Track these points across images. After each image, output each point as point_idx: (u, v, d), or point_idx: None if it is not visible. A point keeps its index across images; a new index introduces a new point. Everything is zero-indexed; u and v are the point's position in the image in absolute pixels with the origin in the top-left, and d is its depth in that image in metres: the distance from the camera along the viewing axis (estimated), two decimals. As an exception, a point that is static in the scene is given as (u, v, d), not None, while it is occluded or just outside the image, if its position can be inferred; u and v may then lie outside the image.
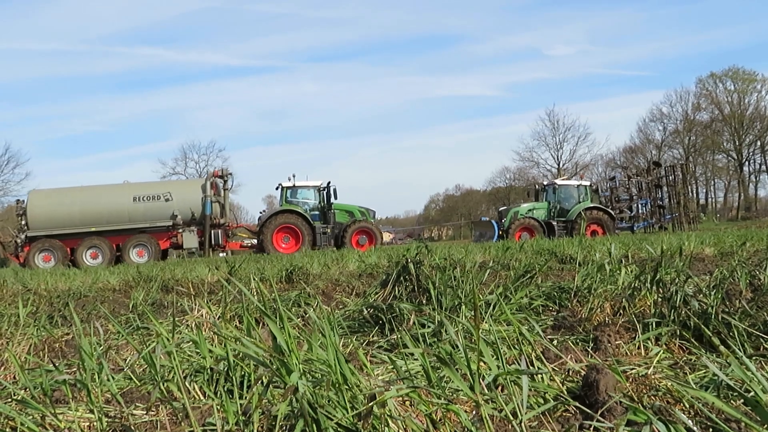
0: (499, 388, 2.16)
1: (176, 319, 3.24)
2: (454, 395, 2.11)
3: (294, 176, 28.90)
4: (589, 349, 2.84)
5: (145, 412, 2.27)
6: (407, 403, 2.08)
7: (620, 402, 1.93)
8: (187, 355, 2.93)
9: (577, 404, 1.98)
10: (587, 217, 29.85)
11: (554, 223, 30.46)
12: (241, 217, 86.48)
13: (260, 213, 28.73)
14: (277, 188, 28.89)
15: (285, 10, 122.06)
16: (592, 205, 30.81)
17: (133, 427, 2.18)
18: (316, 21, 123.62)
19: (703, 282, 3.54)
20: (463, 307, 3.56)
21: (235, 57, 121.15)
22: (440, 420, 1.85)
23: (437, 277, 3.90)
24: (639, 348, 2.85)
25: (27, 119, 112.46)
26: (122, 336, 3.33)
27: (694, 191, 71.18)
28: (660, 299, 3.29)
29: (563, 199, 31.37)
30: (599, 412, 1.88)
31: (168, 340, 2.45)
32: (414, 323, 3.46)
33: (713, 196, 78.26)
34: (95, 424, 2.13)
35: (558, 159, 70.48)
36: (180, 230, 26.20)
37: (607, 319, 3.37)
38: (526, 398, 1.80)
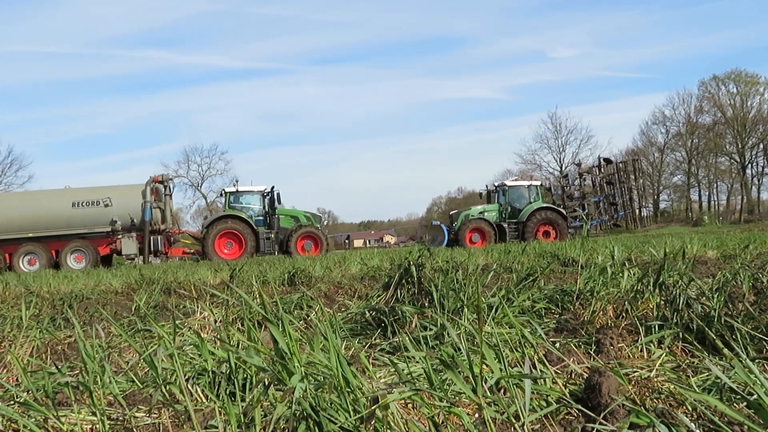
0: (502, 390, 2.15)
1: (178, 321, 3.24)
2: (457, 398, 2.10)
3: (237, 181, 28.71)
4: (591, 352, 2.84)
5: (147, 415, 2.27)
6: (410, 405, 2.08)
7: (623, 405, 1.92)
8: (189, 358, 2.93)
9: (580, 407, 1.98)
10: (538, 217, 29.41)
11: (505, 225, 29.97)
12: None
13: (204, 219, 28.26)
14: (220, 195, 28.54)
15: (288, 12, 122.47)
16: (543, 206, 30.30)
17: (135, 430, 2.18)
18: (319, 24, 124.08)
19: (705, 285, 3.53)
20: (466, 309, 3.56)
21: (238, 60, 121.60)
22: (443, 423, 1.85)
23: (439, 280, 3.90)
24: (641, 351, 2.85)
25: (30, 122, 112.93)
26: (124, 338, 3.34)
27: (648, 188, 71.06)
28: (663, 302, 3.29)
29: (514, 200, 30.80)
30: (602, 415, 1.88)
31: (170, 342, 2.45)
32: (416, 326, 3.45)
33: (716, 199, 78.21)
34: (97, 426, 2.13)
35: (560, 161, 70.44)
36: (119, 236, 25.78)
37: (609, 321, 3.36)
38: (528, 401, 1.80)
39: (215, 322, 3.88)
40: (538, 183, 31.39)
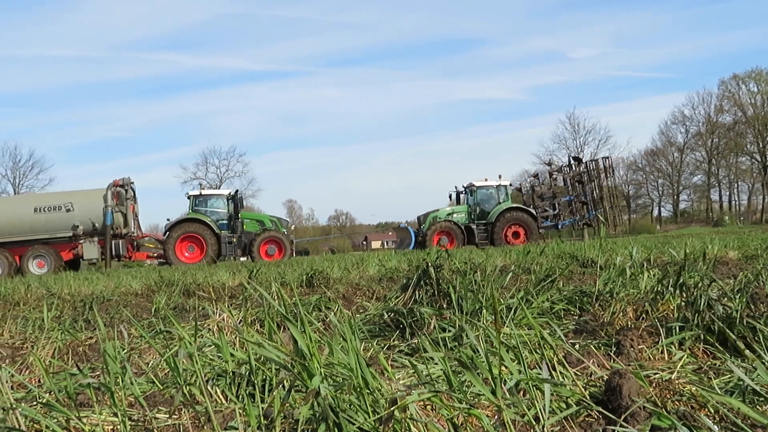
0: (521, 392, 2.15)
1: (198, 323, 3.26)
2: (476, 400, 2.10)
3: (201, 185, 28.57)
4: (611, 354, 2.82)
5: (167, 416, 2.29)
6: (428, 407, 2.08)
7: (644, 407, 1.91)
8: (209, 359, 2.95)
9: (600, 409, 1.97)
10: (507, 218, 28.87)
11: (474, 226, 29.40)
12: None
13: (166, 221, 28.08)
14: (188, 197, 28.44)
15: (305, 15, 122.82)
16: (512, 206, 29.67)
17: (156, 431, 2.19)
18: (337, 26, 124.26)
19: (727, 286, 3.50)
20: (484, 311, 3.55)
21: (255, 62, 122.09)
22: (462, 424, 1.85)
23: (458, 282, 3.90)
24: (662, 352, 2.83)
25: (51, 125, 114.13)
26: (145, 340, 3.36)
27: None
28: (683, 303, 3.26)
29: (483, 201, 30.15)
30: (622, 417, 1.87)
31: (190, 343, 2.46)
32: (435, 327, 3.45)
33: (737, 199, 77.47)
34: (119, 427, 2.15)
35: (579, 162, 70.03)
36: (81, 241, 25.62)
37: (629, 323, 3.34)
38: (548, 403, 1.79)
39: (235, 323, 3.90)
40: (507, 183, 30.53)
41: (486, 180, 30.34)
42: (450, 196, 31.94)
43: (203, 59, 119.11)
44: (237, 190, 28.60)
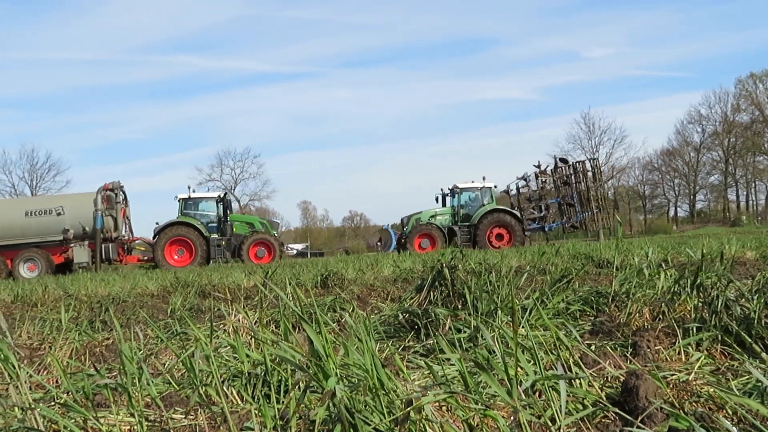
0: (537, 393, 2.14)
1: (213, 324, 3.27)
2: (492, 401, 2.09)
3: (190, 188, 28.57)
4: (628, 355, 2.81)
5: (184, 416, 2.30)
6: (444, 408, 2.07)
7: (661, 408, 1.90)
8: (225, 360, 2.96)
9: (617, 410, 1.96)
10: (490, 220, 28.39)
11: (456, 228, 28.90)
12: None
13: (155, 225, 28.08)
14: (175, 199, 28.45)
15: (318, 16, 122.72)
16: (496, 208, 29.14)
17: (172, 431, 2.20)
18: (350, 26, 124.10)
19: (745, 286, 3.47)
20: (499, 312, 3.54)
21: (269, 64, 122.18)
22: (478, 425, 1.84)
23: (473, 282, 3.89)
24: (679, 354, 2.81)
25: (67, 128, 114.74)
26: (161, 341, 3.38)
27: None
28: (701, 304, 3.24)
29: (467, 203, 29.75)
30: (639, 419, 1.86)
31: (206, 344, 2.47)
32: (450, 328, 3.45)
33: (754, 198, 76.77)
34: (136, 427, 2.16)
35: (594, 162, 69.61)
36: (71, 244, 25.62)
37: (646, 324, 3.32)
38: (564, 404, 1.78)
39: (250, 324, 3.91)
40: (492, 185, 29.87)
41: (473, 182, 30.00)
42: (437, 199, 31.53)
43: (218, 61, 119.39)
44: (226, 193, 28.73)
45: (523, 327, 3.17)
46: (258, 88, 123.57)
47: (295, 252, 28.78)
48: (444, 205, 30.85)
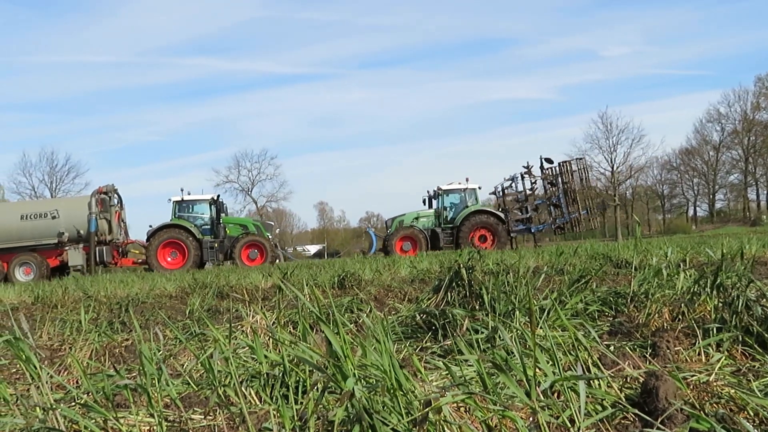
0: (556, 394, 2.13)
1: (231, 324, 3.29)
2: (510, 402, 2.09)
3: (182, 190, 28.65)
4: (647, 356, 2.79)
5: (203, 417, 2.32)
6: (462, 409, 2.07)
7: (681, 409, 1.88)
8: (243, 361, 2.98)
9: (636, 411, 1.95)
10: (473, 222, 28.00)
11: (439, 230, 28.62)
12: (293, 225, 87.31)
13: (149, 228, 28.21)
14: (169, 201, 28.52)
15: (334, 17, 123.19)
16: (479, 209, 28.77)
17: (191, 431, 2.22)
18: (365, 28, 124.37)
19: (765, 286, 3.44)
20: (517, 312, 3.53)
21: (285, 65, 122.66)
22: (496, 426, 1.84)
23: (490, 283, 3.88)
24: (699, 354, 2.78)
25: (86, 130, 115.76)
26: (180, 342, 3.40)
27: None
28: (721, 304, 3.21)
29: (450, 205, 29.43)
30: (659, 420, 1.84)
31: (225, 345, 2.48)
32: (467, 329, 3.44)
33: (775, 198, 75.92)
34: (155, 428, 2.18)
35: (612, 162, 69.10)
36: (66, 248, 25.80)
37: (665, 324, 3.30)
38: (584, 405, 1.77)
39: (268, 325, 3.92)
40: (476, 186, 29.43)
41: (460, 183, 29.71)
42: (424, 201, 31.14)
43: (235, 63, 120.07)
44: (219, 195, 28.79)
45: (541, 328, 3.16)
46: (275, 90, 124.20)
47: (311, 253, 28.86)
48: (430, 206, 30.57)
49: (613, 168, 67.26)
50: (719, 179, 75.35)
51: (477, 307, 3.86)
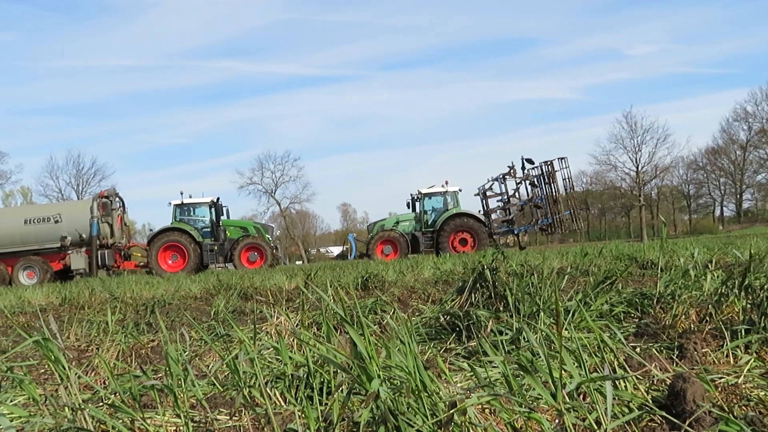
0: (582, 396, 2.12)
1: (256, 326, 3.31)
2: (536, 403, 2.08)
3: (182, 193, 28.74)
4: (674, 357, 2.76)
5: (228, 418, 2.33)
6: (487, 411, 2.06)
7: (709, 412, 1.86)
8: (268, 362, 2.99)
9: (664, 414, 1.93)
10: (453, 225, 27.89)
11: (419, 234, 28.55)
12: (316, 226, 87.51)
13: (149, 231, 28.44)
14: (169, 205, 28.61)
15: (357, 19, 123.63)
16: (459, 212, 28.60)
17: (217, 432, 2.23)
18: (389, 29, 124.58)
19: (795, 287, 3.39)
20: (542, 313, 3.51)
21: (309, 67, 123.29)
22: (521, 428, 1.83)
23: (514, 284, 3.86)
24: (727, 356, 2.75)
25: (112, 134, 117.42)
26: (206, 343, 3.43)
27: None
28: (749, 306, 3.17)
29: (431, 209, 29.50)
30: (687, 423, 1.82)
31: (250, 346, 2.50)
32: (491, 330, 3.43)
33: (802, 197, 74.80)
34: (181, 428, 2.20)
35: (636, 162, 68.46)
36: (69, 251, 26.06)
37: (692, 326, 3.26)
38: (610, 407, 1.76)
39: (293, 326, 3.94)
40: (456, 189, 29.29)
41: (442, 186, 29.48)
42: (408, 204, 30.84)
43: (259, 65, 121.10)
44: (218, 198, 29.00)
45: (566, 329, 3.14)
46: (299, 92, 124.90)
47: (334, 255, 29.14)
48: (414, 210, 30.47)
49: (637, 168, 66.65)
50: (746, 179, 74.41)
51: (501, 308, 3.85)
